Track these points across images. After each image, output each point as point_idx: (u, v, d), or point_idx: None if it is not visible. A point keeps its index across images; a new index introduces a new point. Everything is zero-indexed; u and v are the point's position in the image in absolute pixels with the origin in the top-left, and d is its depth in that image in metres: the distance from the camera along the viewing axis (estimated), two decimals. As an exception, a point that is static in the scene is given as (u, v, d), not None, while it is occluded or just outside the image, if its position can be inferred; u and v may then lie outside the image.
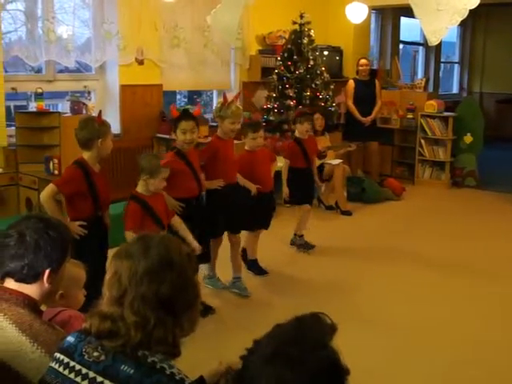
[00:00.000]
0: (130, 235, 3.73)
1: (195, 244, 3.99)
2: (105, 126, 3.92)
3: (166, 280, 1.63)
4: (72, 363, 1.65)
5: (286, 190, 5.90)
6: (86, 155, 3.88)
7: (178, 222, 4.14)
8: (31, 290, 1.93)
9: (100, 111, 4.25)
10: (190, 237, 4.05)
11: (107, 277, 1.69)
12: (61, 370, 1.66)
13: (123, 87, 6.94)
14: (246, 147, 5.13)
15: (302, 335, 1.35)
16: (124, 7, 6.87)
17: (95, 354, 1.63)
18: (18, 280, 1.92)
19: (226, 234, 4.91)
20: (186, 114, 4.40)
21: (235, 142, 5.10)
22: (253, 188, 4.95)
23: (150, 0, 6.76)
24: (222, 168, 4.65)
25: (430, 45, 5.67)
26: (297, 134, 6.03)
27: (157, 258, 1.65)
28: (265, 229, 5.36)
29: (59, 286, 2.05)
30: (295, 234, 6.18)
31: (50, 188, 3.77)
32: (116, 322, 1.62)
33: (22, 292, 1.92)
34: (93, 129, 3.85)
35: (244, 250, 5.32)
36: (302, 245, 6.12)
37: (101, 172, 3.96)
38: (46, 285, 1.94)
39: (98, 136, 3.83)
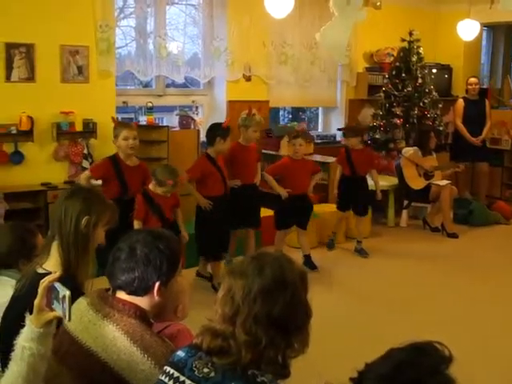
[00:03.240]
0: (137, 224, 4.54)
1: (185, 233, 4.81)
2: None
3: (279, 300, 1.63)
4: (182, 378, 1.66)
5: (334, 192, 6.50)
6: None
7: (177, 211, 4.87)
8: (142, 301, 1.96)
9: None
10: (183, 226, 4.87)
11: (220, 294, 1.70)
12: (170, 383, 1.67)
13: (230, 103, 7.07)
14: (289, 153, 5.86)
15: (419, 360, 1.33)
16: (233, 24, 7.02)
17: (205, 370, 1.64)
18: (129, 293, 1.96)
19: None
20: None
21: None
22: (282, 192, 5.60)
23: (258, 17, 6.86)
24: (241, 170, 5.42)
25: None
26: (349, 145, 6.44)
27: (271, 277, 1.65)
28: (302, 228, 5.87)
29: (170, 299, 2.06)
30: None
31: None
32: (227, 339, 1.62)
33: (133, 303, 1.95)
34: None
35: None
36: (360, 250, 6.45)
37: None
38: (156, 298, 1.96)
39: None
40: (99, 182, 4.87)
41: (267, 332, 1.61)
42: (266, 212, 5.92)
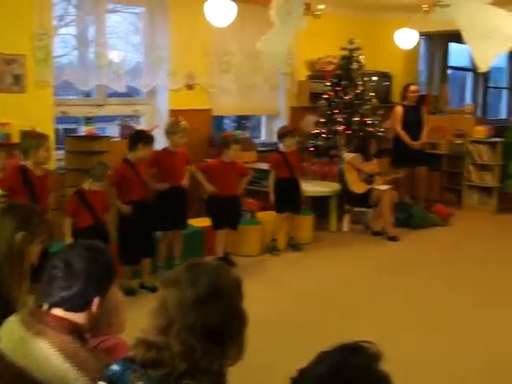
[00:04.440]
0: (68, 220, 4.93)
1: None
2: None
3: (213, 309, 1.63)
4: None
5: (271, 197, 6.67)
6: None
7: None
8: (77, 317, 1.91)
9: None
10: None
11: (154, 305, 1.68)
12: None
13: (173, 112, 7.07)
14: (224, 158, 6.10)
15: (352, 359, 1.37)
16: (175, 33, 7.02)
17: (140, 382, 1.62)
18: (66, 309, 1.91)
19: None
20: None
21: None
22: (209, 187, 5.99)
23: (200, 26, 6.87)
24: (169, 174, 5.68)
25: (479, 71, 5.66)
26: (283, 148, 6.67)
27: (205, 286, 1.64)
28: (232, 229, 6.19)
29: (106, 312, 2.01)
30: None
31: None
32: (162, 351, 1.60)
33: (67, 319, 1.90)
34: None
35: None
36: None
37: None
38: (94, 312, 1.93)
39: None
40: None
41: (202, 341, 1.60)
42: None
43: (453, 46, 11.59)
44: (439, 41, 11.36)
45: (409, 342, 4.48)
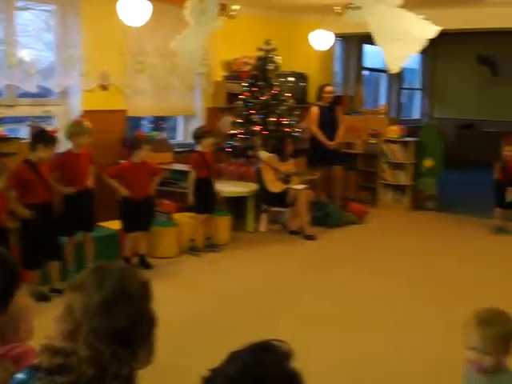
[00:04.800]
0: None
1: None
2: None
3: (120, 312, 1.61)
4: None
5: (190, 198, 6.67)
6: None
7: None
8: None
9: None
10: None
11: (60, 310, 1.65)
12: None
13: (86, 113, 6.91)
14: (134, 159, 6.07)
15: (263, 358, 1.37)
16: (88, 31, 6.85)
17: None
18: None
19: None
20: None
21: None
22: (123, 191, 5.94)
23: (114, 25, 6.74)
24: (74, 176, 5.58)
25: (390, 72, 5.80)
26: (201, 148, 6.70)
27: (111, 289, 1.63)
28: (145, 231, 6.20)
29: (12, 319, 1.97)
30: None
31: None
32: (68, 356, 1.57)
33: None
34: None
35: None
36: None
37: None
38: None
39: None
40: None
41: (109, 345, 1.58)
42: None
43: (367, 48, 11.86)
44: (354, 42, 11.60)
45: (327, 339, 4.55)
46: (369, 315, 5.07)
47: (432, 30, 6.02)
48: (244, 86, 8.12)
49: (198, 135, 6.82)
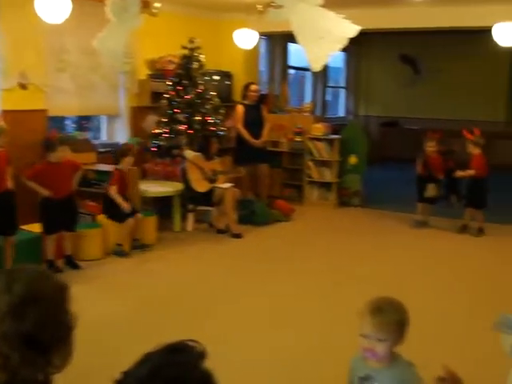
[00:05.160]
0: None
1: None
2: None
3: (30, 317, 1.55)
4: None
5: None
6: None
7: None
8: None
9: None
10: None
11: None
12: None
13: (5, 112, 6.72)
14: (51, 159, 5.94)
15: (175, 359, 1.36)
16: (5, 29, 6.66)
17: None
18: None
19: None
20: None
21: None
22: (45, 192, 5.84)
23: (34, 22, 6.58)
24: None
25: (312, 71, 5.87)
26: (121, 166, 6.68)
27: (20, 293, 1.57)
28: (69, 231, 6.11)
29: None
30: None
31: None
32: None
33: None
34: None
35: None
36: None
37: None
38: None
39: None
40: None
41: (21, 350, 1.54)
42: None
43: (292, 47, 11.97)
44: (279, 41, 11.70)
45: (252, 338, 4.56)
46: (297, 312, 5.12)
47: (353, 29, 6.13)
48: (169, 85, 8.05)
49: (120, 153, 6.78)
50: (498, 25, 7.18)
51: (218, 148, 7.76)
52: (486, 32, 7.25)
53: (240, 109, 8.73)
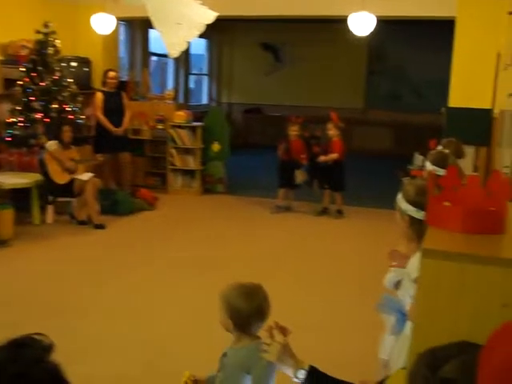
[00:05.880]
0: None
1: None
2: None
3: None
4: None
5: None
6: None
7: None
8: None
9: None
10: None
11: None
12: None
13: None
14: None
15: (19, 354, 1.31)
16: None
17: None
18: None
19: None
20: None
21: None
22: None
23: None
24: None
25: (170, 57, 5.82)
26: None
27: None
28: None
29: None
30: None
31: None
32: None
33: None
34: None
35: None
36: None
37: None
38: None
39: None
40: None
41: None
42: None
43: (153, 33, 11.79)
44: (139, 27, 11.52)
45: (120, 332, 4.50)
46: (157, 300, 5.10)
47: (210, 16, 6.16)
48: (22, 71, 7.68)
49: None
50: (353, 14, 7.46)
51: (73, 136, 7.47)
52: (344, 21, 7.51)
53: (99, 96, 8.51)
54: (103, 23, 8.32)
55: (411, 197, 2.50)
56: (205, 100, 15.20)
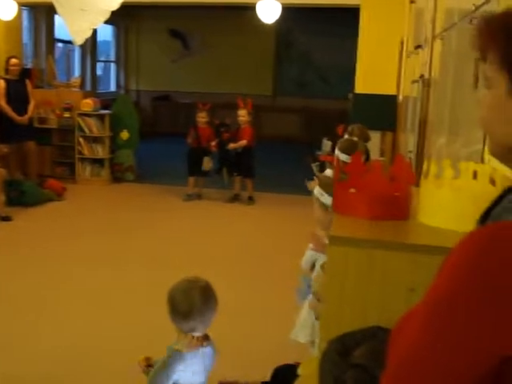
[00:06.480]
0: None
1: None
2: None
3: None
4: None
5: None
6: None
7: None
8: None
9: None
10: None
11: None
12: None
13: None
14: None
15: None
16: None
17: None
18: None
19: None
20: None
21: None
22: None
23: None
24: None
25: (75, 44, 5.74)
26: None
27: None
28: None
29: None
30: None
31: None
32: None
33: None
34: None
35: None
36: None
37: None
38: None
39: None
40: None
41: None
42: None
43: (58, 19, 11.50)
44: (43, 13, 11.20)
45: (32, 328, 4.43)
46: (68, 298, 5.04)
47: (115, 2, 6.10)
48: None
49: None
50: (260, 2, 7.55)
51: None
52: (252, 8, 7.58)
53: (1, 84, 8.24)
54: (4, 8, 8.09)
55: (327, 185, 2.54)
56: (113, 87, 14.98)
